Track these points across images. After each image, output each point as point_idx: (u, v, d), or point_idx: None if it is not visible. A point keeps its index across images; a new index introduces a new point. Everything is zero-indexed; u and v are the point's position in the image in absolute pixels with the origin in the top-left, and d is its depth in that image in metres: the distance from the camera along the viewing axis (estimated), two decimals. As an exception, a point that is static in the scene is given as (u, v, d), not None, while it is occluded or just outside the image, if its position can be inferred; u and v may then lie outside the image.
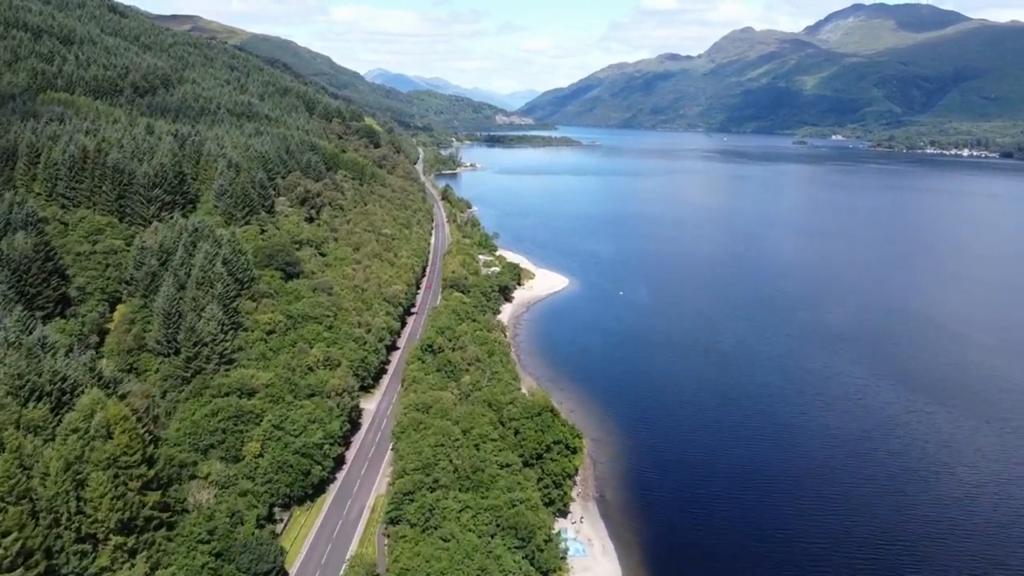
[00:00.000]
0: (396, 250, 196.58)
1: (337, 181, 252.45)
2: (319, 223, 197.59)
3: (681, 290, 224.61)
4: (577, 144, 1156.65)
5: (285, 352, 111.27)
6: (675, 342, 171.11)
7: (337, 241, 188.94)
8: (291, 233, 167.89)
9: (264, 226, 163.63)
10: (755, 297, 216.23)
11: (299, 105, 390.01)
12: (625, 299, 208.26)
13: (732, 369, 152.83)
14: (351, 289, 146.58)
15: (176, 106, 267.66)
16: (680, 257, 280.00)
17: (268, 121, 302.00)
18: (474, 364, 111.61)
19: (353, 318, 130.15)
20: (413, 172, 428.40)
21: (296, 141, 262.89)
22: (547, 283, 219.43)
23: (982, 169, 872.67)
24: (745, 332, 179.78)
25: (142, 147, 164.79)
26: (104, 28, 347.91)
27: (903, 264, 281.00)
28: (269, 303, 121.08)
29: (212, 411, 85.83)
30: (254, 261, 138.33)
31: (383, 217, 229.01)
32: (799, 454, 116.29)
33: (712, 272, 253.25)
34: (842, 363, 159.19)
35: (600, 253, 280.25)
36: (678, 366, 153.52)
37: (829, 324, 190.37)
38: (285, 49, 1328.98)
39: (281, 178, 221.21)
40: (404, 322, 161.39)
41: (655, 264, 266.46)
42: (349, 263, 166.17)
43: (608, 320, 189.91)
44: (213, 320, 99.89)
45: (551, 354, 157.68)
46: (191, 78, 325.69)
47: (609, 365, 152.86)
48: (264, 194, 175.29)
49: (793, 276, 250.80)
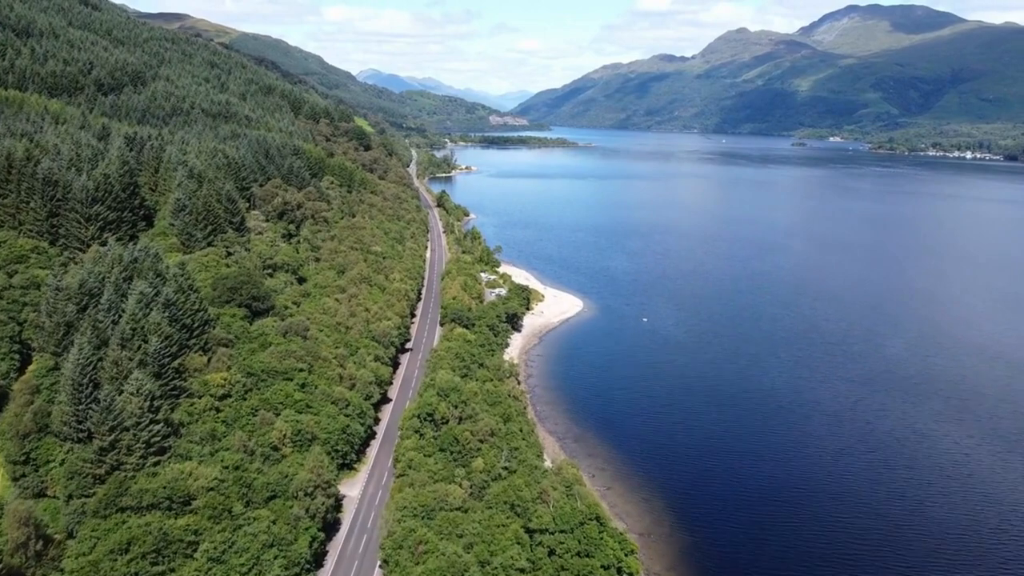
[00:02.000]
0: (388, 271, 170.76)
1: (322, 189, 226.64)
2: (299, 240, 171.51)
3: (711, 317, 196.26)
4: (573, 145, 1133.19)
5: (242, 425, 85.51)
6: (720, 388, 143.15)
7: (319, 262, 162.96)
8: (263, 256, 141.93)
9: (231, 248, 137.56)
10: (796, 327, 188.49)
11: (284, 105, 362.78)
12: (649, 328, 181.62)
13: (796, 428, 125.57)
14: (332, 328, 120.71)
15: (143, 106, 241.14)
16: (701, 275, 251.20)
17: (248, 122, 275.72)
18: (487, 440, 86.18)
19: (333, 370, 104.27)
20: (406, 176, 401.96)
21: (277, 144, 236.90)
22: (558, 306, 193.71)
23: (990, 172, 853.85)
24: (798, 375, 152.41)
25: (85, 154, 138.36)
26: (73, 21, 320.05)
27: (948, 281, 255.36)
28: (225, 356, 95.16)
29: (121, 542, 59.79)
30: (213, 296, 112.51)
31: (373, 231, 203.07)
32: (914, 551, 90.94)
33: (741, 294, 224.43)
34: (923, 417, 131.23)
35: (613, 270, 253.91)
36: (730, 424, 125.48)
37: (892, 362, 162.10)
38: (275, 48, 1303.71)
39: (259, 185, 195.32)
40: (397, 362, 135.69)
41: (675, 283, 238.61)
42: (332, 291, 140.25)
43: (634, 356, 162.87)
44: (139, 395, 73.90)
45: (573, 403, 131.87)
46: (165, 75, 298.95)
47: (644, 420, 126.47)
48: (232, 208, 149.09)
49: (832, 299, 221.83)
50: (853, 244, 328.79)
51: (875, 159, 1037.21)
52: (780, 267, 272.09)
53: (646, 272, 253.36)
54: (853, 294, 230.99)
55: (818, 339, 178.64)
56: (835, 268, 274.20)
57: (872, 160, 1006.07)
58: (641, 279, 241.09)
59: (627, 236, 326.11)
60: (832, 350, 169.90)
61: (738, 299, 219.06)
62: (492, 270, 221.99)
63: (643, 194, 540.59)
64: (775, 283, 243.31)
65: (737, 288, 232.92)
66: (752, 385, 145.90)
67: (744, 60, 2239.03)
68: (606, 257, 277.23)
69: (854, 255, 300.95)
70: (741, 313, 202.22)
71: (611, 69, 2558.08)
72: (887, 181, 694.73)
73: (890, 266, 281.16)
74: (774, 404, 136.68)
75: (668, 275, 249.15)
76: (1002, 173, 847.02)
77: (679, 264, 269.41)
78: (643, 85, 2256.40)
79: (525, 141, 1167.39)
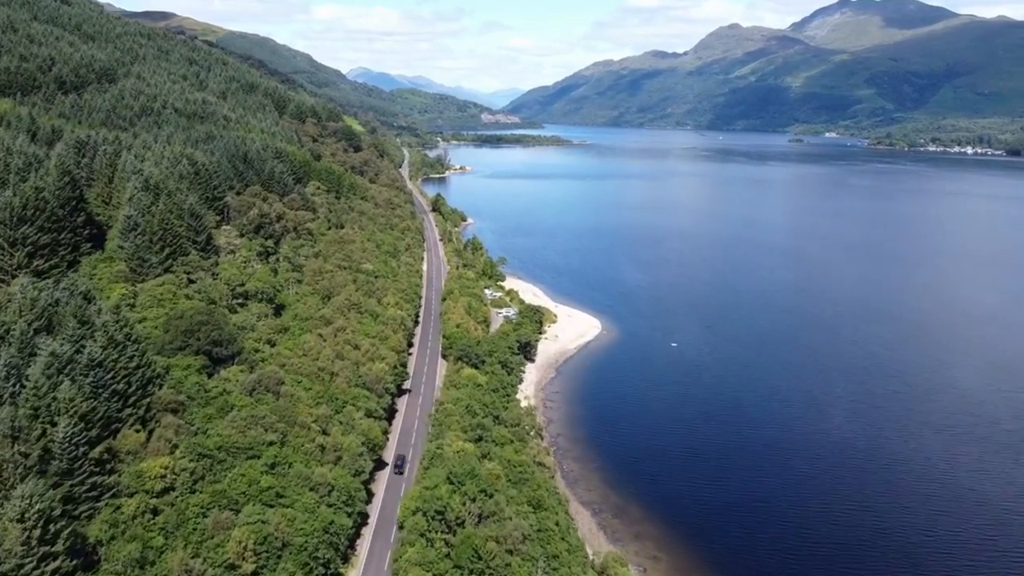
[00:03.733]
0: (381, 293, 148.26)
1: (307, 196, 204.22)
2: (278, 259, 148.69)
3: (747, 341, 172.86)
4: (568, 143, 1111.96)
5: (187, 533, 63.24)
6: (780, 441, 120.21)
7: (301, 285, 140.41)
8: (233, 281, 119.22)
9: (193, 273, 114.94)
10: (847, 355, 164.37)
11: (267, 104, 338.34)
12: (680, 355, 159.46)
13: (882, 492, 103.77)
14: (314, 376, 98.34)
15: (108, 106, 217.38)
16: (725, 288, 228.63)
17: (226, 123, 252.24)
18: (517, 550, 64.43)
19: (313, 439, 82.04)
20: (398, 178, 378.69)
21: (258, 147, 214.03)
22: (574, 328, 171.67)
23: (995, 168, 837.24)
24: (867, 421, 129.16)
25: (15, 163, 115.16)
26: (39, 16, 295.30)
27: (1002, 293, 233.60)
28: (171, 428, 72.86)
29: None
30: (163, 342, 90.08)
31: (363, 244, 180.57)
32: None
33: (774, 312, 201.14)
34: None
35: (627, 282, 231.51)
36: (797, 484, 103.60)
37: (971, 402, 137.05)
38: (263, 46, 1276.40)
39: (236, 194, 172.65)
40: (394, 408, 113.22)
41: (697, 298, 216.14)
42: (315, 324, 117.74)
43: (668, 391, 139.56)
44: (25, 521, 51.42)
45: (605, 457, 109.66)
46: (137, 72, 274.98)
47: (694, 479, 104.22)
48: (197, 225, 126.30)
49: (877, 317, 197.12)
50: (879, 249, 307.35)
51: (875, 155, 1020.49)
52: (810, 277, 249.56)
53: (663, 285, 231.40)
54: (900, 310, 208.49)
55: (876, 370, 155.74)
56: (870, 279, 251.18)
57: (872, 156, 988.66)
58: (659, 293, 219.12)
59: (636, 242, 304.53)
60: (895, 384, 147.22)
61: (773, 318, 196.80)
62: (496, 285, 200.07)
63: (646, 194, 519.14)
64: (810, 298, 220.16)
65: (768, 304, 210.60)
66: (816, 435, 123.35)
67: (737, 56, 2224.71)
68: (617, 267, 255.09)
69: (884, 262, 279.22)
70: (780, 336, 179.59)
71: (603, 66, 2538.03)
72: (893, 178, 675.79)
73: (928, 275, 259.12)
74: (849, 460, 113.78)
75: (688, 288, 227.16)
76: (1008, 169, 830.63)
77: (697, 275, 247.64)
78: (635, 82, 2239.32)
79: (519, 140, 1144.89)
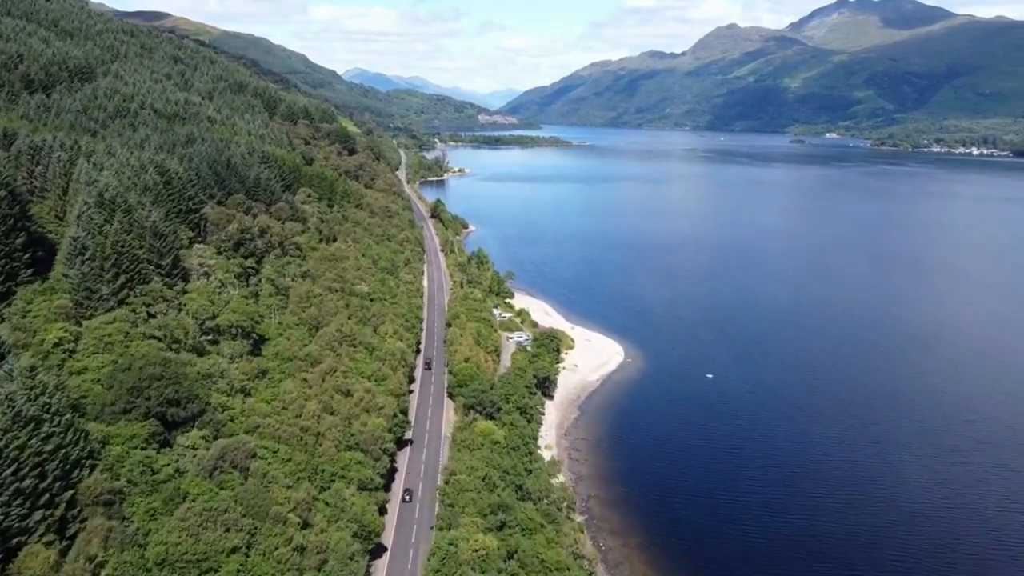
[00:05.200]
0: (377, 320, 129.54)
1: (296, 205, 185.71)
2: (260, 281, 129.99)
3: (794, 374, 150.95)
4: (567, 144, 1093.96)
5: None
6: (855, 499, 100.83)
7: (286, 312, 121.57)
8: (203, 314, 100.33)
9: (153, 306, 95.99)
10: (911, 390, 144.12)
11: (256, 104, 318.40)
12: (719, 389, 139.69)
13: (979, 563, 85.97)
14: (295, 440, 79.54)
15: (79, 106, 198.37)
16: (758, 308, 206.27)
17: (210, 125, 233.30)
18: None
19: (289, 539, 63.27)
20: (395, 183, 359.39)
21: (243, 151, 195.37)
22: (594, 355, 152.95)
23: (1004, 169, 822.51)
24: (944, 471, 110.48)
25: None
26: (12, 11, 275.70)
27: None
28: (98, 533, 54.30)
29: None
30: (105, 402, 71.44)
31: (358, 260, 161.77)
32: None
33: (817, 338, 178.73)
34: None
35: (646, 299, 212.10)
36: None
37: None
38: (258, 46, 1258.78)
39: (218, 203, 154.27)
40: (393, 467, 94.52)
41: (728, 320, 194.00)
42: (299, 365, 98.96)
43: (710, 435, 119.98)
44: None
45: (650, 531, 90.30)
46: (115, 71, 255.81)
47: (761, 550, 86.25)
48: (161, 246, 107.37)
49: (939, 342, 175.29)
50: (921, 260, 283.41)
51: (879, 156, 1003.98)
52: (850, 294, 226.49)
53: (685, 301, 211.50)
54: (958, 334, 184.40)
55: (947, 411, 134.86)
56: (920, 296, 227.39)
57: (877, 157, 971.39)
58: (682, 312, 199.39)
59: (649, 251, 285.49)
60: (973, 430, 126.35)
61: (816, 345, 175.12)
62: (505, 304, 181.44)
63: (654, 198, 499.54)
64: (856, 320, 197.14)
65: (808, 326, 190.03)
66: (894, 490, 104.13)
67: (735, 57, 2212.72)
68: (632, 280, 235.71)
69: (929, 276, 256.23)
70: (831, 368, 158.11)
71: (600, 67, 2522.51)
72: (906, 181, 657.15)
73: (986, 294, 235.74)
74: (936, 524, 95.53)
75: (714, 306, 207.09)
76: (1018, 170, 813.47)
77: (721, 289, 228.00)
78: (633, 83, 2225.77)
79: (518, 141, 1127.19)
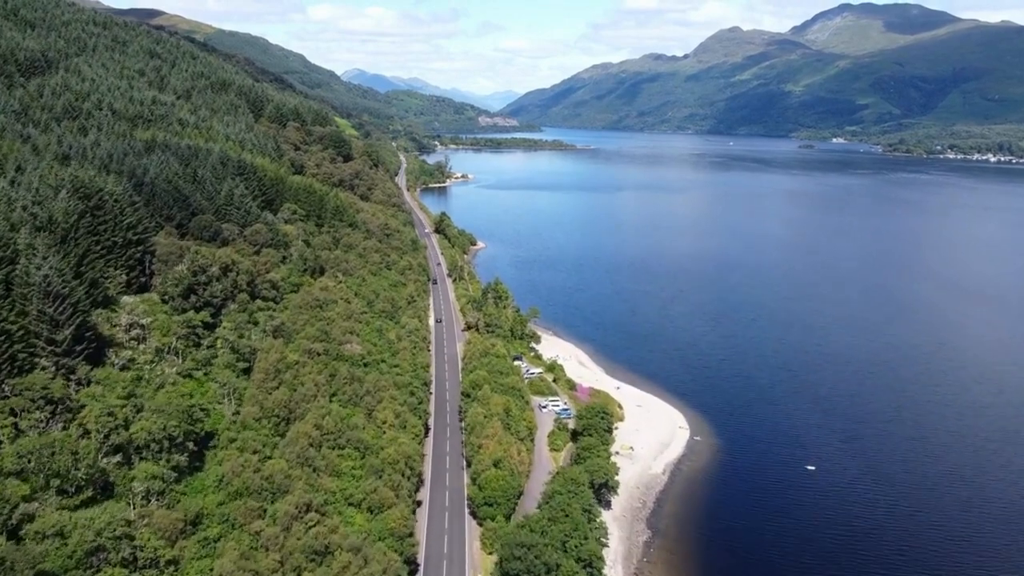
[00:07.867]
0: (372, 400, 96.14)
1: (276, 226, 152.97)
2: (217, 340, 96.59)
3: (920, 465, 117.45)
4: (571, 148, 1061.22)
5: None
6: None
7: (246, 396, 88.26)
8: (107, 425, 66.72)
9: (27, 415, 62.85)
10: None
11: (241, 105, 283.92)
12: (826, 487, 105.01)
13: None
14: None
15: (17, 106, 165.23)
16: (846, 364, 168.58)
17: (181, 128, 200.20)
18: None
19: None
20: (395, 192, 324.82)
21: (214, 161, 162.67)
22: (652, 429, 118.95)
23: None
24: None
25: None
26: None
27: None
28: None
29: None
30: None
31: (348, 303, 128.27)
32: None
33: (933, 404, 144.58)
34: None
35: (698, 344, 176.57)
36: None
37: None
38: (254, 45, 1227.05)
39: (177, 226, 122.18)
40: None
41: (813, 378, 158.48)
42: (249, 508, 65.85)
43: (833, 559, 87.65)
44: None
45: None
46: (75, 66, 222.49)
47: None
48: (55, 313, 74.17)
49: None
50: (997, 291, 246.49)
51: (895, 163, 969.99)
52: (938, 340, 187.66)
53: (748, 351, 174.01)
54: None
55: None
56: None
57: (893, 164, 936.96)
58: (750, 367, 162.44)
59: (685, 278, 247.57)
60: None
61: (939, 422, 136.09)
62: (530, 353, 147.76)
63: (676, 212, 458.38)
64: (966, 376, 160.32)
65: (913, 392, 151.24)
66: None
67: (737, 60, 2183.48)
68: (672, 318, 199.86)
69: (1009, 309, 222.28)
70: (960, 453, 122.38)
71: (601, 69, 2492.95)
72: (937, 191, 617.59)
73: None
74: None
75: (787, 356, 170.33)
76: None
77: (793, 337, 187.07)
78: (635, 86, 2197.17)
79: (520, 144, 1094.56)
